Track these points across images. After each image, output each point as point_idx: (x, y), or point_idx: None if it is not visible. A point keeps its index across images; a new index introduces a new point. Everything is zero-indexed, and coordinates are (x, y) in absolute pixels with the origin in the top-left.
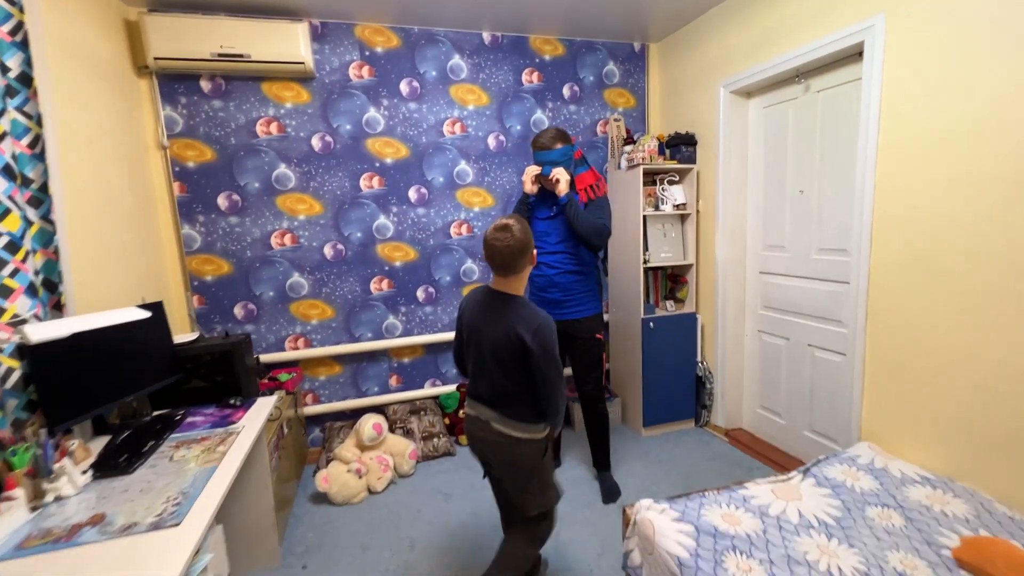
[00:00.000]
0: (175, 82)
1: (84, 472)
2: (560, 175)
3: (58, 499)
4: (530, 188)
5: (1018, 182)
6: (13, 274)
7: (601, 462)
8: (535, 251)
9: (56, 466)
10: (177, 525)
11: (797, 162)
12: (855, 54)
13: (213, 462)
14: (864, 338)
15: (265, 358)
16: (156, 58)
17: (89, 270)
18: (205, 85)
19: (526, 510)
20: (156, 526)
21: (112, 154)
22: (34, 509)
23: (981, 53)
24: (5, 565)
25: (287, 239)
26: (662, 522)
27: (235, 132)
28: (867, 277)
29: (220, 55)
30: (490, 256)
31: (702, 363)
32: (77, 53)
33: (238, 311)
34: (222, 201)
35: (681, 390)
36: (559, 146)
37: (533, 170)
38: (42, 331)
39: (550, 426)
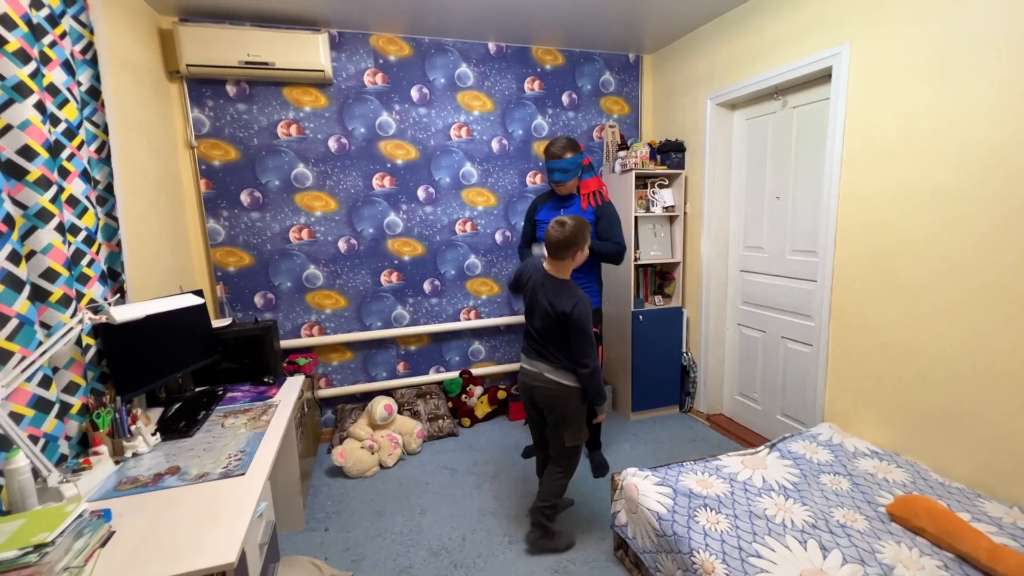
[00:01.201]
0: (203, 86)
1: (153, 434)
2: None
3: (135, 455)
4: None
5: (957, 194)
6: (90, 264)
7: (592, 441)
8: (587, 251)
9: (132, 427)
10: (243, 475)
11: (775, 170)
12: (825, 76)
13: (260, 428)
14: (828, 331)
15: (283, 344)
16: (189, 65)
17: (138, 261)
18: (231, 89)
19: (565, 441)
20: (225, 475)
21: (151, 154)
22: (116, 463)
23: (932, 80)
24: (112, 501)
25: (304, 234)
26: (645, 486)
27: (258, 133)
28: (831, 276)
29: (247, 63)
30: (547, 243)
31: (687, 353)
32: (123, 61)
33: (258, 300)
34: (245, 197)
35: (667, 378)
36: (569, 155)
37: None
38: (124, 313)
39: (586, 392)
